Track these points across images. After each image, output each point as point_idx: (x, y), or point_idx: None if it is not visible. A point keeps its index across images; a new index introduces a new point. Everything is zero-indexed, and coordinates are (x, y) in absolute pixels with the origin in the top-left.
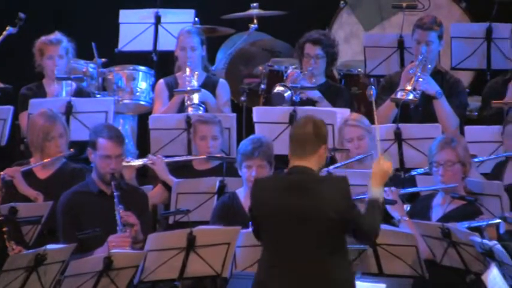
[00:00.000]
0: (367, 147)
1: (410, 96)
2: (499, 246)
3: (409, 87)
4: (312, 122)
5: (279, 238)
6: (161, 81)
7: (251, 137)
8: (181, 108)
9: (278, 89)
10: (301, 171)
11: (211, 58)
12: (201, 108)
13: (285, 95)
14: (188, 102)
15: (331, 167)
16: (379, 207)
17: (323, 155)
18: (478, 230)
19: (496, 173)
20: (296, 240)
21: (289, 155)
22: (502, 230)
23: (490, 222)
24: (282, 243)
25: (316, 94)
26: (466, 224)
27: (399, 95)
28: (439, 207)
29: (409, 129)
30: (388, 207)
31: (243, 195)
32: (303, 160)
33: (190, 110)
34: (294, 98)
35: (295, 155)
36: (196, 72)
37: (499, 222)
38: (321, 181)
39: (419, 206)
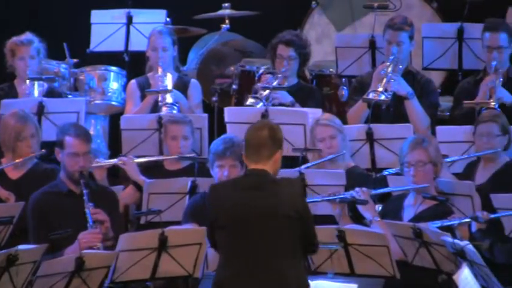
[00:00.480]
0: (338, 147)
1: (382, 97)
2: (470, 246)
3: (380, 88)
4: (268, 126)
5: (238, 240)
6: (133, 81)
7: (223, 136)
8: (154, 108)
9: (250, 101)
10: (258, 174)
11: (182, 58)
12: (175, 107)
13: (258, 106)
14: (162, 102)
15: (302, 167)
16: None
17: (278, 160)
18: (450, 229)
19: (468, 173)
20: (255, 241)
21: (244, 159)
22: (473, 229)
23: (461, 221)
24: (240, 245)
25: (288, 98)
26: (437, 223)
27: (371, 95)
28: (411, 208)
29: (381, 130)
30: (359, 207)
31: None
32: (259, 164)
33: (164, 110)
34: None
35: (251, 159)
36: (168, 73)
37: (471, 222)
38: (277, 182)
39: (391, 207)
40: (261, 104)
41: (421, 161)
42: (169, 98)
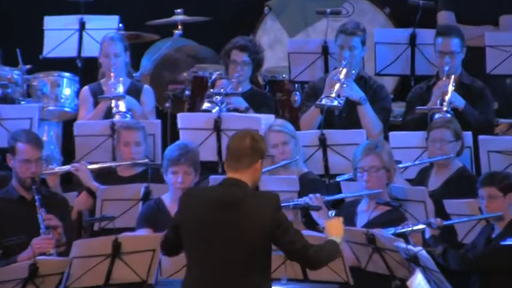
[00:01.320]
0: (291, 153)
1: (335, 103)
2: (423, 251)
3: (333, 94)
4: (250, 136)
5: (205, 254)
6: (86, 88)
7: (178, 142)
8: (108, 115)
9: (206, 105)
10: (234, 184)
11: (135, 64)
12: (128, 116)
13: (213, 111)
14: (115, 109)
15: None
16: (333, 246)
17: (259, 170)
18: (403, 235)
19: (421, 179)
20: (222, 257)
21: (225, 167)
22: (427, 235)
23: (414, 228)
24: (208, 259)
25: (242, 104)
26: (391, 230)
27: (323, 101)
28: (364, 214)
29: (334, 135)
30: (313, 213)
31: (169, 200)
32: (237, 173)
33: (117, 118)
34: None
35: (231, 167)
36: (121, 79)
37: (424, 228)
38: (252, 197)
39: (344, 213)
40: (217, 108)
41: (374, 167)
42: (122, 106)
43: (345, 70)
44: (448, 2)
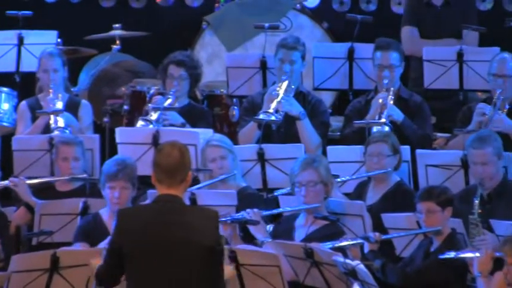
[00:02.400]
0: (229, 167)
1: (273, 118)
2: (361, 266)
3: (271, 110)
4: (177, 149)
5: (151, 274)
6: (23, 102)
7: (116, 157)
8: (47, 130)
9: (140, 123)
10: (169, 200)
11: (73, 79)
12: (67, 131)
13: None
14: (54, 125)
15: (194, 188)
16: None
17: (189, 181)
18: (341, 250)
19: (358, 193)
20: (167, 275)
21: (154, 182)
22: (366, 250)
23: (353, 242)
24: (154, 280)
25: (178, 120)
26: (329, 244)
27: (262, 116)
28: (302, 228)
29: (272, 150)
30: (251, 228)
31: (107, 215)
32: (172, 189)
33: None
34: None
35: (163, 183)
36: (60, 94)
37: (363, 242)
38: (190, 211)
39: (283, 227)
40: (151, 126)
41: (312, 181)
42: (61, 122)
43: (285, 84)
44: (411, 17)
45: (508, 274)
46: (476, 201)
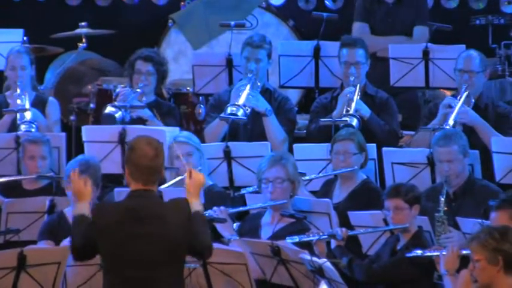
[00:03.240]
0: (194, 165)
1: (240, 112)
2: (328, 263)
3: (239, 102)
4: (153, 148)
5: (127, 268)
6: None
7: (79, 158)
8: (13, 127)
9: (109, 109)
10: (143, 195)
11: (40, 77)
12: (34, 125)
13: (116, 115)
14: (21, 120)
15: (162, 187)
16: (204, 219)
17: (163, 176)
18: (308, 246)
19: (325, 191)
20: (141, 270)
21: (128, 179)
22: (332, 246)
23: (320, 237)
24: (131, 273)
25: (146, 113)
26: (296, 238)
27: (229, 109)
28: (268, 226)
29: (239, 148)
30: (218, 226)
31: (71, 214)
32: (148, 185)
33: (23, 128)
34: (124, 117)
35: (139, 181)
36: (26, 92)
37: (329, 239)
38: (163, 206)
39: (249, 225)
40: (120, 112)
41: (280, 178)
42: (27, 116)
43: (250, 82)
44: (362, 13)
45: (473, 270)
46: (442, 199)
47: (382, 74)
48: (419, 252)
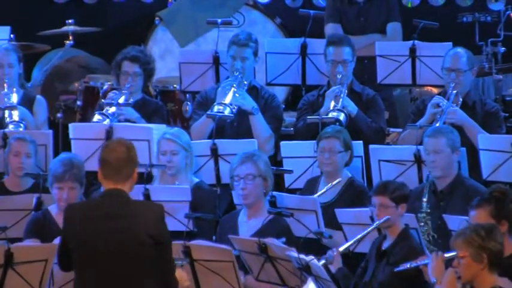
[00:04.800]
0: (178, 164)
1: (227, 110)
2: (315, 261)
3: (226, 101)
4: (125, 146)
5: (96, 268)
6: None
7: (62, 157)
8: (2, 125)
9: (97, 118)
10: (115, 194)
11: (26, 75)
12: (22, 125)
13: (104, 123)
14: (9, 119)
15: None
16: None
17: (135, 178)
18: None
19: (309, 189)
20: (112, 268)
21: (100, 178)
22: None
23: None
24: (99, 273)
25: (133, 115)
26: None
27: (216, 108)
28: (245, 224)
29: (226, 145)
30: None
31: (55, 211)
32: (118, 184)
33: (11, 128)
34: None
35: (109, 178)
36: (14, 89)
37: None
38: (136, 205)
39: (227, 225)
40: (107, 120)
41: (251, 174)
42: (15, 116)
43: (237, 80)
44: (334, 14)
45: (458, 267)
46: (425, 200)
47: (359, 74)
48: (407, 265)
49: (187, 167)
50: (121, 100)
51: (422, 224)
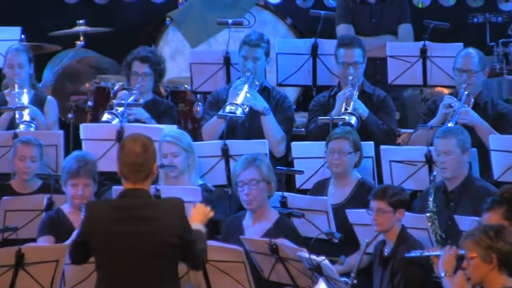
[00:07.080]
0: (179, 166)
1: (239, 111)
2: (326, 261)
3: (238, 101)
4: (141, 145)
5: (118, 267)
6: None
7: (76, 154)
8: (12, 125)
9: (106, 117)
10: (136, 195)
11: (37, 75)
12: (33, 125)
13: (114, 122)
14: (20, 120)
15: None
16: (204, 235)
17: (155, 173)
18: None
19: (318, 190)
20: (135, 269)
21: (121, 176)
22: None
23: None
24: (121, 272)
25: (143, 115)
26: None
27: (227, 108)
28: (251, 228)
29: (237, 146)
30: None
31: (68, 209)
32: (137, 184)
33: (22, 128)
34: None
35: (130, 179)
36: (25, 90)
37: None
38: (157, 205)
39: (233, 228)
40: (117, 119)
41: (254, 179)
42: (26, 116)
43: (248, 81)
44: (346, 15)
45: (467, 268)
46: (430, 199)
47: (372, 74)
48: (418, 253)
49: (190, 168)
50: (131, 100)
51: (429, 223)
